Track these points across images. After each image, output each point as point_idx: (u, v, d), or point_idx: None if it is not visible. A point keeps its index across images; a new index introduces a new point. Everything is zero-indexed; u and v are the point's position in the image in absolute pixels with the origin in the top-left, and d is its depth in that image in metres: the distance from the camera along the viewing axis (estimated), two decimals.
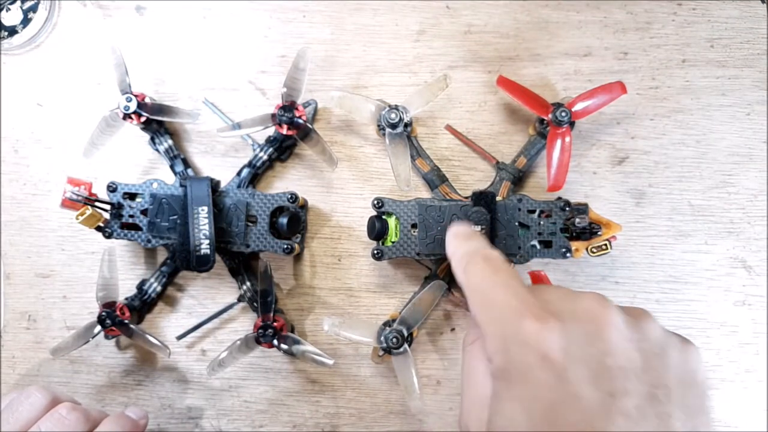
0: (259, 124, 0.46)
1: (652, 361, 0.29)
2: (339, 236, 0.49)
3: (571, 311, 0.30)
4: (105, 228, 0.45)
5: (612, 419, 0.27)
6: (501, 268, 0.34)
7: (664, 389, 0.28)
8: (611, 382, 0.28)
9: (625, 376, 0.28)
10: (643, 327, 0.30)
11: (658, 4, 0.50)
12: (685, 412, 0.28)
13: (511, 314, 0.31)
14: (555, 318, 0.30)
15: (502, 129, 0.49)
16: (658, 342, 0.30)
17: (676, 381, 0.29)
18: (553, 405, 0.28)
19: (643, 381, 0.28)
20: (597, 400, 0.27)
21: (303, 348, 0.44)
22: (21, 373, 0.50)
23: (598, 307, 0.30)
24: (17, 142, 0.51)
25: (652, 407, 0.28)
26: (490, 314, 0.32)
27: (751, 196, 0.48)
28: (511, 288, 0.32)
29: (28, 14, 0.51)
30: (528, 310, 0.30)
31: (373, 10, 0.50)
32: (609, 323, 0.29)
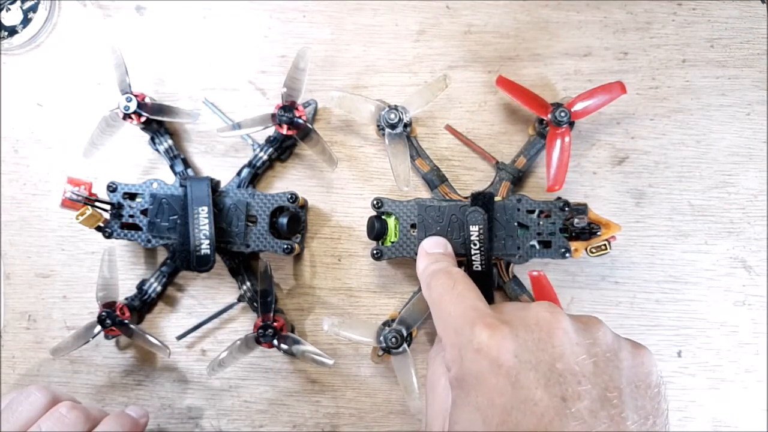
0: (259, 124, 0.46)
1: (603, 364, 0.30)
2: (339, 236, 0.49)
3: (522, 318, 0.31)
4: (105, 228, 0.45)
5: (565, 422, 0.27)
6: (459, 281, 0.36)
7: (616, 391, 0.29)
8: (563, 386, 0.28)
9: (576, 380, 0.29)
10: (593, 332, 0.31)
11: (658, 4, 0.50)
12: (639, 414, 0.29)
13: (465, 323, 0.32)
14: (506, 325, 0.31)
15: (502, 129, 0.49)
16: (609, 346, 0.31)
17: (628, 383, 0.30)
18: (508, 410, 0.28)
19: (595, 384, 0.29)
20: (550, 404, 0.28)
21: (303, 348, 0.44)
22: (21, 373, 0.50)
23: (547, 315, 0.31)
24: (17, 142, 0.51)
25: (605, 409, 0.28)
26: (447, 324, 0.34)
27: (751, 196, 0.48)
28: (467, 299, 0.34)
29: (28, 14, 0.51)
30: (480, 318, 0.31)
31: (373, 10, 0.50)
32: (559, 328, 0.30)
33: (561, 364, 0.29)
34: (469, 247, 0.42)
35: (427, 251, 0.41)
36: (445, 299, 0.35)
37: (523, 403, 0.28)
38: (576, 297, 0.48)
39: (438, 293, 0.36)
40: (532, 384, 0.28)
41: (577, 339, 0.30)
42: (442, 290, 0.36)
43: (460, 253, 0.43)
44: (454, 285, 0.36)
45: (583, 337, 0.30)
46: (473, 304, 0.34)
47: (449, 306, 0.34)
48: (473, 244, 0.42)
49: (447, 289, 0.36)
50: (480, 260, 0.42)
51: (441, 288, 0.36)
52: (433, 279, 0.38)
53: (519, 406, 0.28)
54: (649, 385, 0.31)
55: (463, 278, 0.37)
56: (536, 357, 0.29)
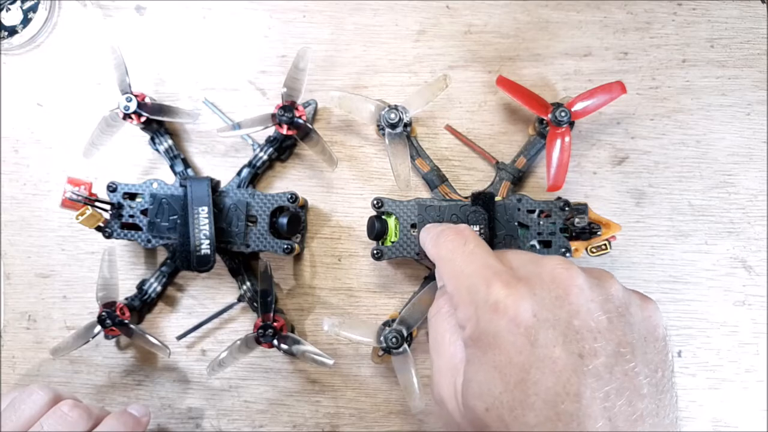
0: (259, 124, 0.46)
1: (616, 320, 0.30)
2: (339, 236, 0.49)
3: (538, 275, 0.31)
4: (105, 228, 0.45)
5: (583, 379, 0.27)
6: (470, 238, 0.35)
7: (629, 347, 0.29)
8: (580, 343, 0.28)
9: (592, 337, 0.29)
10: (605, 287, 0.31)
11: (658, 4, 0.50)
12: (649, 367, 0.29)
13: (480, 282, 0.32)
14: (523, 283, 0.30)
15: (502, 129, 0.49)
16: (621, 301, 0.31)
17: (639, 338, 0.30)
18: (527, 368, 0.28)
19: (609, 340, 0.29)
20: (568, 361, 0.28)
21: (303, 348, 0.44)
22: (21, 373, 0.50)
23: (563, 271, 0.31)
24: (17, 142, 0.51)
25: (619, 365, 0.28)
26: (460, 283, 0.33)
27: (751, 196, 0.48)
28: (480, 256, 0.33)
29: (28, 14, 0.51)
30: (496, 276, 0.31)
31: (373, 10, 0.50)
32: (574, 285, 0.30)
33: (578, 321, 0.29)
34: None
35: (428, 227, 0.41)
36: (455, 256, 0.34)
37: (542, 362, 0.28)
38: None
39: (448, 249, 0.35)
40: (551, 342, 0.28)
41: (592, 295, 0.30)
42: (452, 246, 0.35)
43: None
44: (466, 242, 0.35)
45: (597, 293, 0.30)
46: (486, 261, 0.33)
47: (461, 263, 0.34)
48: None
49: (458, 245, 0.35)
50: None
51: (451, 244, 0.35)
52: (440, 236, 0.37)
53: (538, 364, 0.28)
54: (657, 338, 0.31)
55: (473, 234, 0.36)
56: (554, 315, 0.29)
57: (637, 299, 0.32)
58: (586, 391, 0.27)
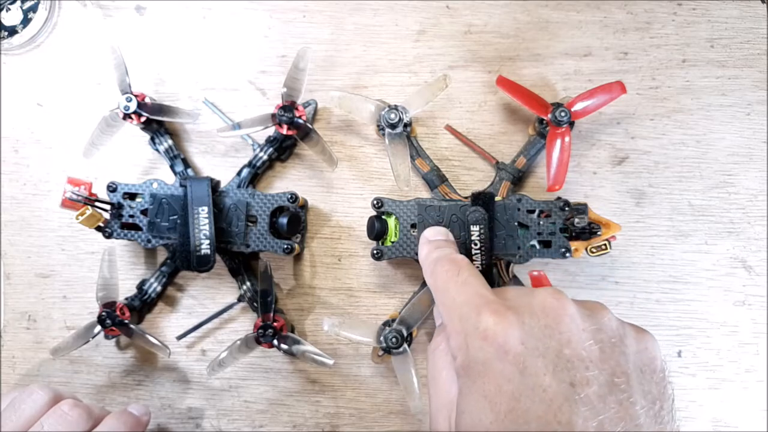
0: (259, 124, 0.46)
1: (609, 350, 0.30)
2: (339, 236, 0.49)
3: (528, 305, 0.31)
4: (105, 228, 0.45)
5: (575, 408, 0.27)
6: (464, 268, 0.36)
7: (624, 376, 0.29)
8: (571, 371, 0.28)
9: (584, 366, 0.29)
10: (598, 318, 0.31)
11: (658, 4, 0.50)
12: (647, 399, 0.29)
13: (471, 310, 0.32)
14: (512, 312, 0.31)
15: (502, 129, 0.49)
16: (615, 332, 0.31)
17: (635, 368, 0.30)
18: (516, 397, 0.28)
19: (602, 370, 0.29)
20: (559, 389, 0.28)
21: (303, 348, 0.44)
22: (21, 373, 0.50)
23: (553, 301, 0.31)
24: (17, 142, 0.51)
25: (613, 394, 0.28)
26: (452, 312, 0.33)
27: (751, 196, 0.48)
28: (472, 286, 0.34)
29: (28, 14, 0.51)
30: (486, 305, 0.31)
31: (373, 10, 0.50)
32: (565, 315, 0.30)
33: (568, 350, 0.29)
34: (469, 246, 0.42)
35: (429, 239, 0.41)
36: (449, 286, 0.35)
37: (532, 390, 0.28)
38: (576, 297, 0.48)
39: (442, 280, 0.36)
40: (540, 370, 0.28)
41: (583, 325, 0.30)
42: (447, 277, 0.36)
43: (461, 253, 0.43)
44: (459, 272, 0.35)
45: (589, 323, 0.30)
46: (478, 290, 0.33)
47: (454, 293, 0.34)
48: (474, 243, 0.42)
49: (452, 275, 0.35)
50: (481, 260, 0.42)
51: (445, 275, 0.36)
52: (437, 265, 0.37)
53: (527, 392, 0.28)
54: (654, 370, 0.31)
55: (468, 265, 0.36)
56: (543, 343, 0.29)
57: (632, 331, 0.32)
58: (578, 420, 0.27)
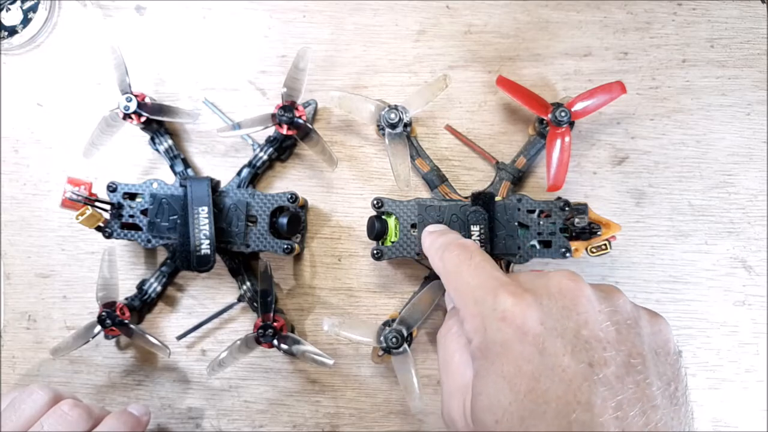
0: (259, 124, 0.46)
1: (626, 331, 0.30)
2: (339, 236, 0.49)
3: (545, 287, 0.31)
4: (105, 228, 0.45)
5: (594, 388, 0.27)
6: (476, 252, 0.35)
7: (640, 358, 0.29)
8: (589, 352, 0.28)
9: (602, 347, 0.29)
10: (614, 300, 0.31)
11: (658, 4, 0.50)
12: (662, 380, 0.29)
13: (486, 293, 0.32)
14: (530, 293, 0.31)
15: (502, 129, 0.49)
16: (630, 314, 0.31)
17: (650, 350, 0.30)
18: (536, 377, 0.28)
19: (619, 350, 0.29)
20: (578, 370, 0.28)
21: (303, 348, 0.44)
22: (21, 373, 0.50)
23: (570, 282, 0.31)
24: (17, 142, 0.51)
25: (630, 375, 0.28)
26: (467, 295, 0.33)
27: (751, 196, 0.48)
28: (486, 269, 0.34)
29: (28, 14, 0.51)
30: (503, 287, 0.31)
31: (373, 10, 0.50)
32: (582, 296, 0.30)
33: (586, 330, 0.29)
34: None
35: (431, 231, 0.41)
36: (462, 269, 0.35)
37: (551, 370, 0.28)
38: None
39: (454, 263, 0.35)
40: (560, 351, 0.28)
41: (600, 306, 0.30)
42: (458, 260, 0.35)
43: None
44: (471, 256, 0.35)
45: (605, 304, 0.31)
46: (492, 273, 0.33)
47: (467, 276, 0.34)
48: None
49: (464, 260, 0.35)
50: None
51: (456, 258, 0.35)
52: (446, 251, 0.37)
53: (547, 372, 0.28)
54: (669, 352, 0.31)
55: (478, 249, 0.36)
56: (562, 324, 0.29)
57: (646, 314, 0.32)
58: (597, 400, 0.27)
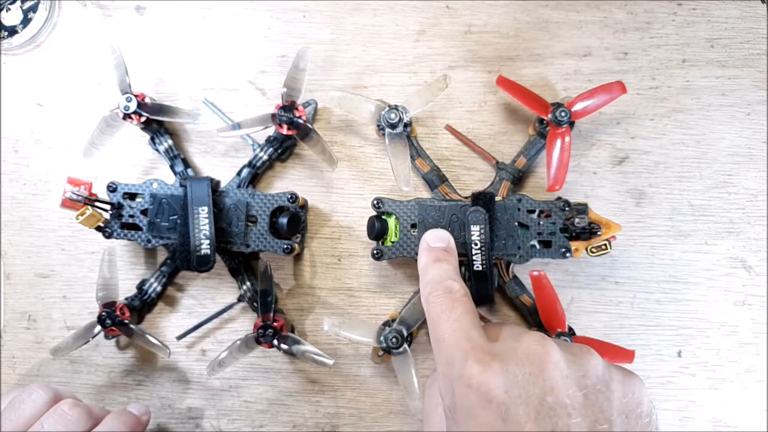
0: (259, 124, 0.46)
1: (594, 396, 0.30)
2: (339, 236, 0.49)
3: (513, 351, 0.31)
4: (105, 228, 0.45)
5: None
6: (458, 302, 0.35)
7: (607, 423, 0.29)
8: (553, 419, 0.29)
9: (566, 413, 0.29)
10: (583, 364, 0.31)
11: (658, 4, 0.50)
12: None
13: (457, 355, 0.32)
14: (497, 360, 0.31)
15: (502, 129, 0.49)
16: (600, 378, 0.31)
17: (619, 414, 0.30)
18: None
19: (585, 416, 0.29)
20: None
21: (303, 348, 0.44)
22: (21, 373, 0.50)
23: (538, 347, 0.31)
24: (17, 142, 0.51)
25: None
26: (441, 353, 0.34)
27: (751, 196, 0.48)
28: (462, 326, 0.34)
29: (28, 14, 0.51)
30: (473, 352, 0.32)
31: (373, 10, 0.50)
32: (549, 362, 0.30)
33: (551, 397, 0.29)
34: (470, 246, 0.42)
35: (430, 244, 0.41)
36: (441, 320, 0.35)
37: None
38: (576, 297, 0.48)
39: (435, 312, 0.36)
40: (522, 418, 0.29)
41: (568, 371, 0.30)
42: (440, 311, 0.35)
43: (461, 253, 0.43)
44: (453, 307, 0.35)
45: (574, 369, 0.31)
46: (468, 333, 0.33)
47: (444, 331, 0.34)
48: (474, 243, 0.42)
49: (445, 309, 0.35)
50: (481, 260, 0.42)
51: (439, 308, 0.36)
52: (432, 294, 0.37)
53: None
54: (640, 415, 0.31)
55: (462, 298, 0.36)
56: (527, 391, 0.29)
57: (619, 375, 0.32)
58: None
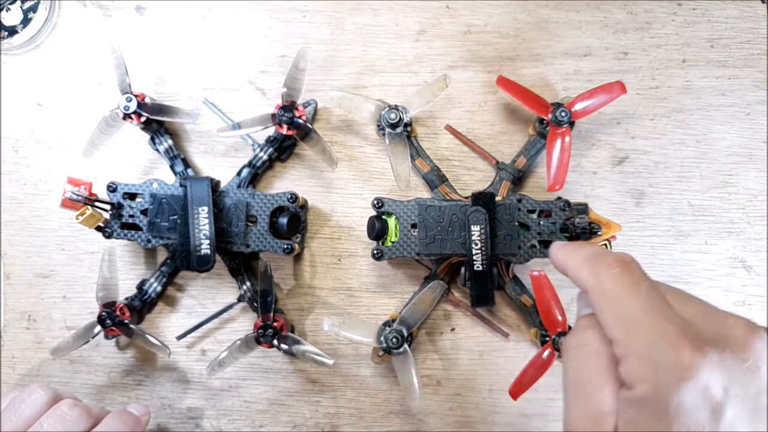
0: (259, 124, 0.46)
1: None
2: (339, 236, 0.49)
3: (724, 338, 0.28)
4: (105, 228, 0.45)
5: None
6: (642, 278, 0.31)
7: None
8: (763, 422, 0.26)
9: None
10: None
11: (658, 4, 0.50)
12: None
13: (662, 339, 0.28)
14: (713, 348, 0.27)
15: (502, 129, 0.49)
16: None
17: None
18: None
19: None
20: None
21: (303, 348, 0.44)
22: (21, 373, 0.50)
23: (751, 336, 0.28)
24: (17, 142, 0.51)
25: None
26: (635, 335, 0.29)
27: (751, 196, 0.48)
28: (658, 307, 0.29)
29: (28, 14, 0.51)
30: (683, 337, 0.27)
31: (373, 10, 0.50)
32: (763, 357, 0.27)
33: (764, 397, 0.27)
34: (470, 246, 0.42)
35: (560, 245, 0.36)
36: (627, 296, 0.30)
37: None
38: (576, 297, 0.48)
39: (613, 284, 0.30)
40: (737, 420, 0.26)
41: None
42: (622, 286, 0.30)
43: (461, 253, 0.43)
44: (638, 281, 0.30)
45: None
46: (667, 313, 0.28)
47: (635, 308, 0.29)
48: (475, 243, 0.42)
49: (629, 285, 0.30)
50: (481, 260, 0.42)
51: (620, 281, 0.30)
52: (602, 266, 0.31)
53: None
54: None
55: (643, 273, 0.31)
56: (744, 390, 0.27)
57: None
58: None
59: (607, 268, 0.31)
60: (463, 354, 0.48)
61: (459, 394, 0.48)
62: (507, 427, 0.48)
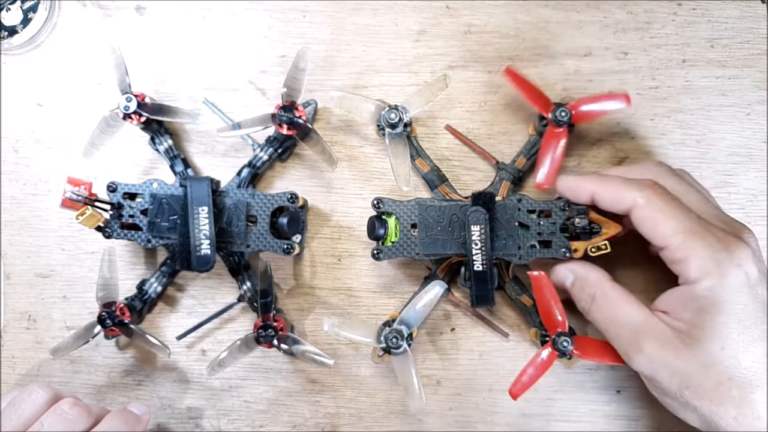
0: (259, 124, 0.46)
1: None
2: (339, 236, 0.49)
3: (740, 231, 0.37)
4: (105, 228, 0.45)
5: None
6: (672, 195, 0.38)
7: None
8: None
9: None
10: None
11: (658, 4, 0.50)
12: None
13: (721, 241, 0.35)
14: (740, 239, 0.36)
15: (502, 129, 0.49)
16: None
17: None
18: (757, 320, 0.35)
19: None
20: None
21: (303, 348, 0.44)
22: (21, 373, 0.50)
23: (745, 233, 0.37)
24: (17, 142, 0.51)
25: None
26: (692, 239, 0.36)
27: (751, 196, 0.48)
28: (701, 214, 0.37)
29: (28, 14, 0.51)
30: (732, 235, 0.36)
31: (373, 10, 0.50)
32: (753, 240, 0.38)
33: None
34: (470, 247, 0.42)
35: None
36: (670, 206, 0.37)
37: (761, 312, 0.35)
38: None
39: (661, 202, 0.37)
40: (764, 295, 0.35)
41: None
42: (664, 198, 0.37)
43: (461, 253, 0.43)
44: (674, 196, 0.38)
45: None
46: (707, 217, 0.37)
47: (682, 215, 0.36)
48: (475, 244, 0.42)
49: (669, 197, 0.37)
50: (481, 260, 0.42)
51: (661, 197, 0.37)
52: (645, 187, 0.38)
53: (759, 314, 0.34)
54: None
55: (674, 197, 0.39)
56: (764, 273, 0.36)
57: None
58: None
59: (651, 189, 0.38)
60: (463, 354, 0.48)
61: (459, 394, 0.48)
62: (507, 427, 0.48)
